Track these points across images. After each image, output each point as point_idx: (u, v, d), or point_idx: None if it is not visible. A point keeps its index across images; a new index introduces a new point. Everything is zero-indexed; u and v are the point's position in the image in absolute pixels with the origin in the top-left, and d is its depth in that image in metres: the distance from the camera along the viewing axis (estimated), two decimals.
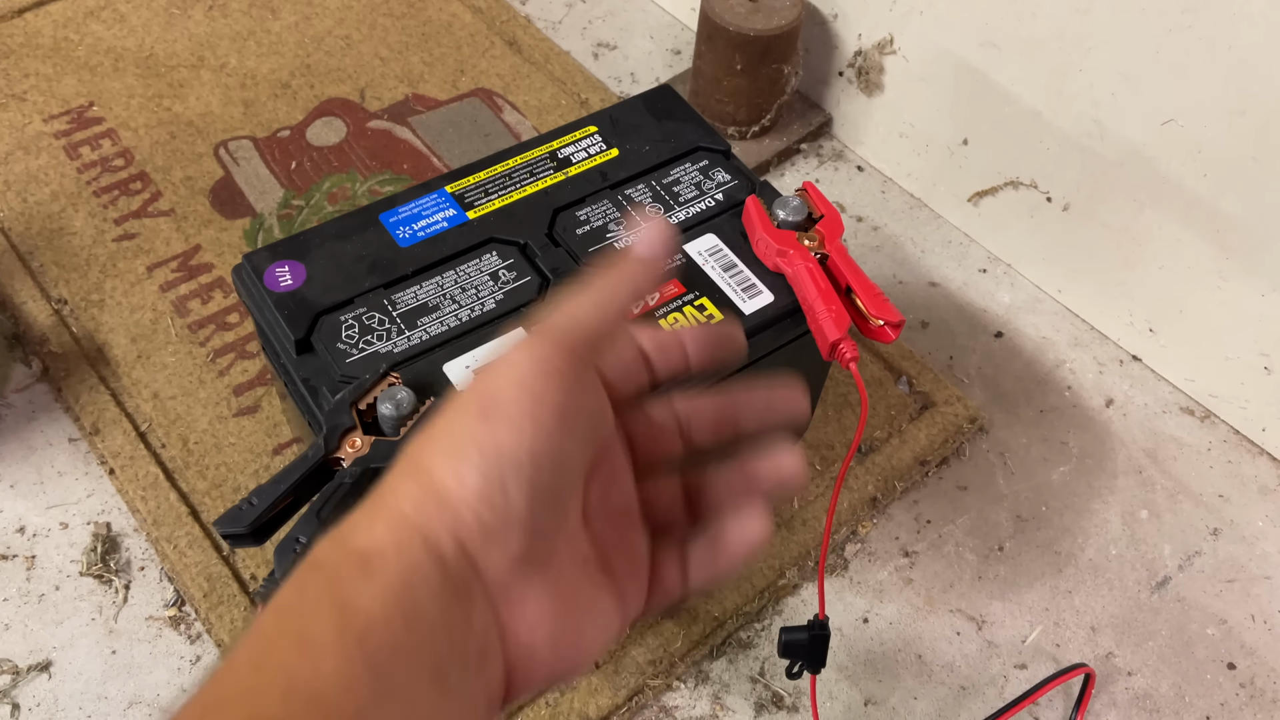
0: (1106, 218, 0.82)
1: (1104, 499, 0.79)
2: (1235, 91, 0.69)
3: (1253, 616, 0.74)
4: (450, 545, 0.26)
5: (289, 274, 0.57)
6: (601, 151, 0.64)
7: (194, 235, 0.86)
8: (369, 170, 0.92)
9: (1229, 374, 0.81)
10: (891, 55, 0.91)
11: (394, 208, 0.60)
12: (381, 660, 0.24)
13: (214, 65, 0.99)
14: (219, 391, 0.77)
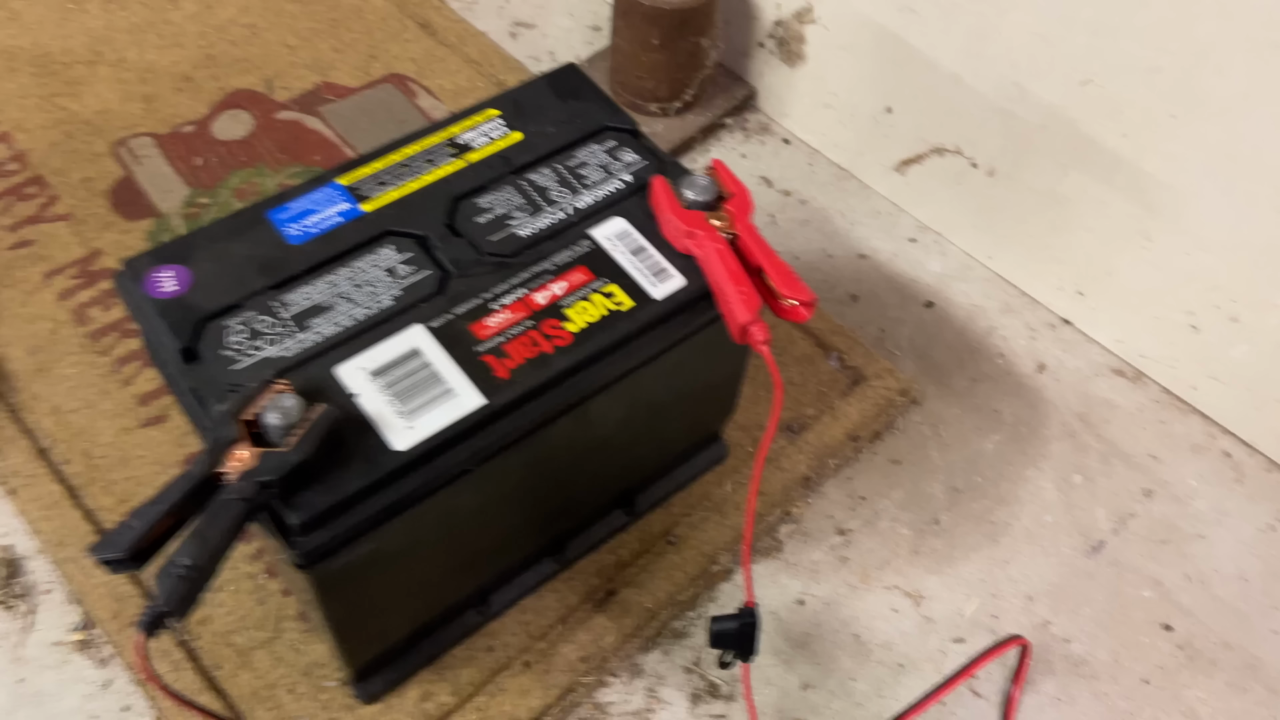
0: (1032, 182, 0.81)
1: (1038, 466, 0.78)
2: (1151, 48, 0.67)
3: (1187, 576, 0.73)
4: None
5: (173, 279, 0.54)
6: (504, 135, 0.62)
7: (94, 239, 0.83)
8: (279, 164, 0.89)
9: (1158, 334, 0.80)
10: (811, 24, 0.89)
11: (283, 204, 0.57)
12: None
13: (112, 60, 0.95)
14: (124, 402, 0.74)
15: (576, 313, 0.54)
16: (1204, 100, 0.67)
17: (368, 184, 0.59)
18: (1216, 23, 0.63)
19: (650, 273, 0.56)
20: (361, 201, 0.58)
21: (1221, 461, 0.79)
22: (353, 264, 0.55)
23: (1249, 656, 0.70)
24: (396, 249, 0.56)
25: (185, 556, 0.44)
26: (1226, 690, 0.69)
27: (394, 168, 0.60)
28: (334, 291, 0.54)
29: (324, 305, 0.53)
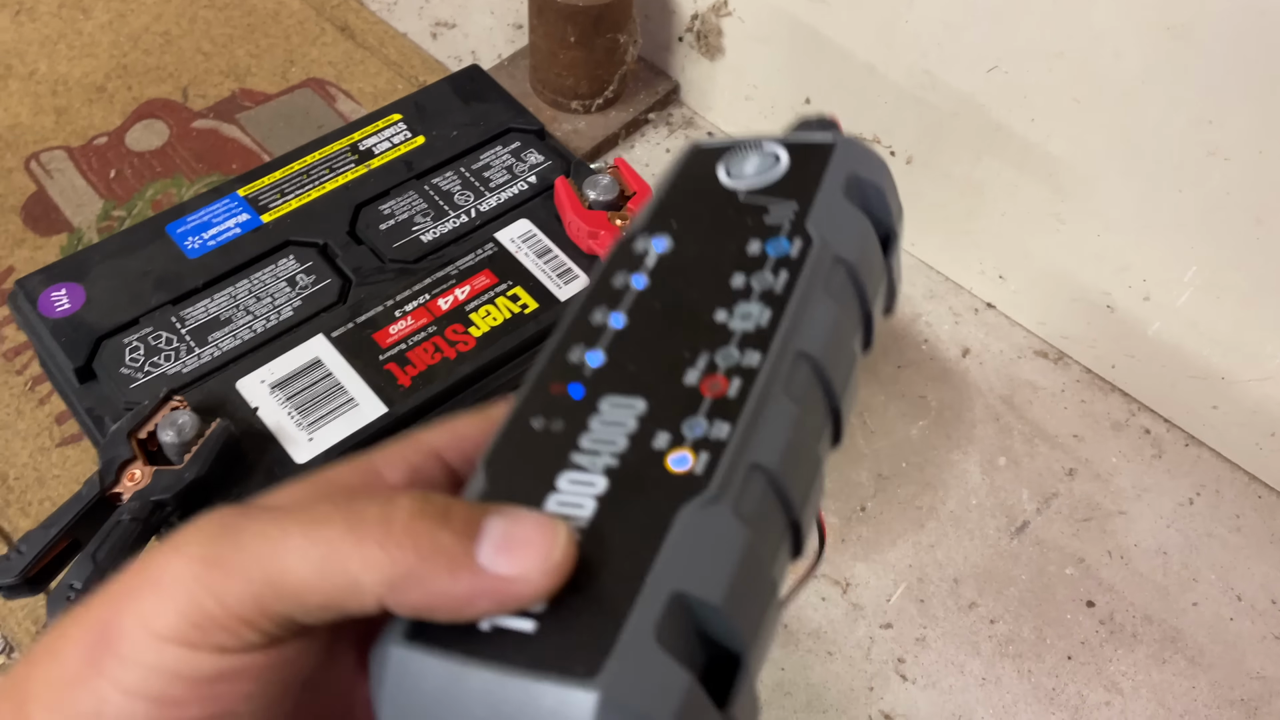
0: (948, 168, 0.81)
1: (963, 450, 0.79)
2: (1052, 34, 0.68)
3: (1109, 553, 0.75)
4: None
5: (65, 297, 0.53)
6: (406, 140, 0.61)
7: (6, 257, 0.81)
8: (195, 173, 0.88)
9: (1076, 315, 0.81)
10: (728, 17, 0.89)
11: (181, 217, 0.57)
12: None
13: (22, 73, 0.93)
14: (40, 421, 0.73)
15: (480, 317, 0.54)
16: (1103, 84, 0.68)
17: (268, 194, 0.58)
18: (1110, 8, 0.64)
19: (555, 274, 0.56)
20: (262, 212, 0.57)
21: (1141, 438, 0.80)
22: (252, 275, 0.55)
23: (1169, 629, 0.71)
24: (297, 259, 0.55)
25: (75, 579, 0.43)
26: (1148, 662, 0.70)
27: (295, 176, 0.59)
28: (233, 304, 0.53)
29: (223, 319, 0.53)
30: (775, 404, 0.21)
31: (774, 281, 0.23)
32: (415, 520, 0.19)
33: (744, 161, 0.26)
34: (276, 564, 0.18)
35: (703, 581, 0.18)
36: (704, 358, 0.22)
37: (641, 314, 0.24)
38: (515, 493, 0.21)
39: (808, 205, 0.25)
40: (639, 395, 0.22)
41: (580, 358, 0.23)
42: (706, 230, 0.25)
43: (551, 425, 0.22)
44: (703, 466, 0.20)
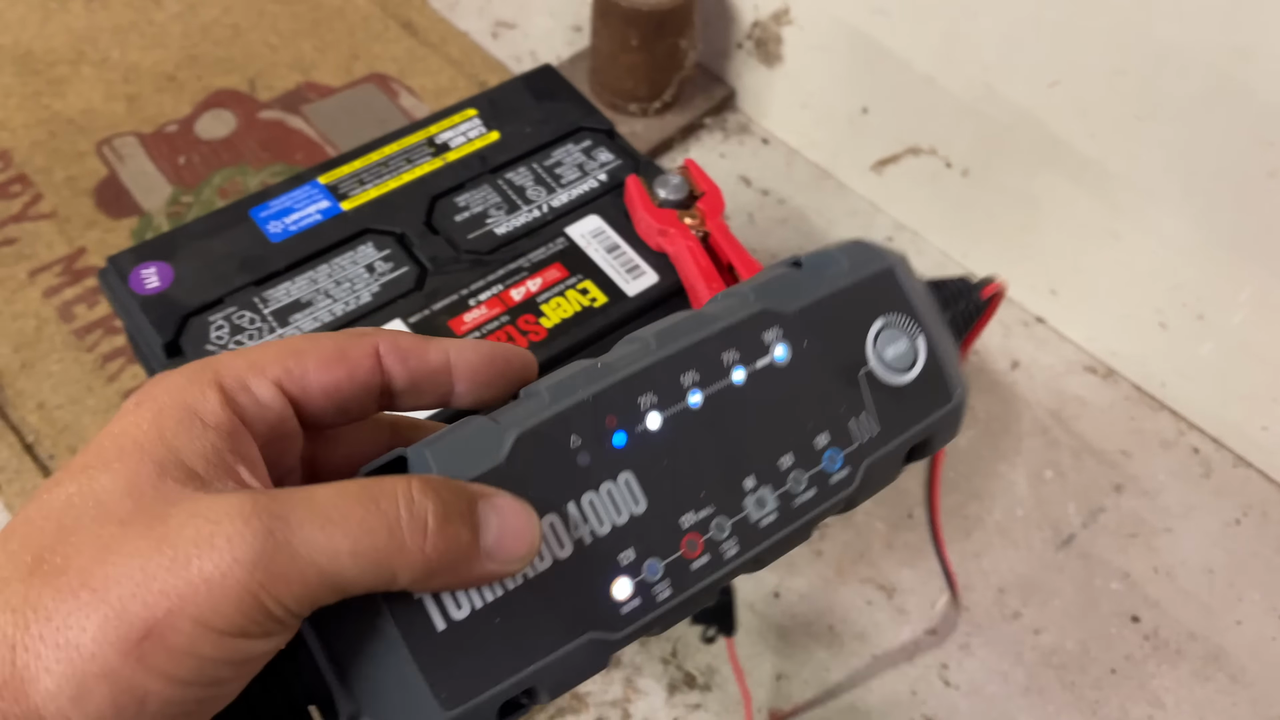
0: (1003, 181, 0.82)
1: (1010, 461, 0.80)
2: (1115, 51, 0.69)
3: (1155, 569, 0.75)
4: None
5: (155, 275, 0.55)
6: (481, 135, 0.63)
7: (78, 238, 0.83)
8: (261, 163, 0.90)
9: (1128, 331, 0.82)
10: (788, 25, 0.90)
11: (265, 202, 0.58)
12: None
13: (95, 60, 0.96)
14: (109, 398, 0.75)
15: (551, 308, 0.55)
16: (1166, 102, 0.68)
17: (348, 182, 0.60)
18: (1176, 27, 0.65)
19: (624, 269, 0.57)
20: (341, 200, 0.59)
21: (1190, 457, 0.81)
22: (333, 261, 0.56)
23: (1213, 646, 0.72)
24: (375, 246, 0.57)
25: None
26: (1191, 679, 0.70)
27: (373, 166, 0.61)
28: (314, 287, 0.55)
29: (304, 301, 0.54)
30: (707, 593, 0.26)
31: (802, 492, 0.26)
32: (444, 524, 0.21)
33: (892, 341, 0.28)
34: (333, 569, 0.20)
35: (555, 685, 0.24)
36: (706, 511, 0.25)
37: (712, 412, 0.26)
38: (514, 490, 0.24)
39: (883, 443, 0.27)
40: (647, 497, 0.25)
41: (646, 408, 0.25)
42: (816, 380, 0.27)
43: (580, 456, 0.24)
44: (630, 610, 0.24)
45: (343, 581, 0.21)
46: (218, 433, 0.22)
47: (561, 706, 0.67)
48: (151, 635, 0.19)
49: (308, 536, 0.20)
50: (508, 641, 0.23)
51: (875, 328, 0.28)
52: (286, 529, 0.20)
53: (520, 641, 0.23)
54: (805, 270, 0.28)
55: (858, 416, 0.27)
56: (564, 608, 0.23)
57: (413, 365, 0.25)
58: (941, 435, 0.29)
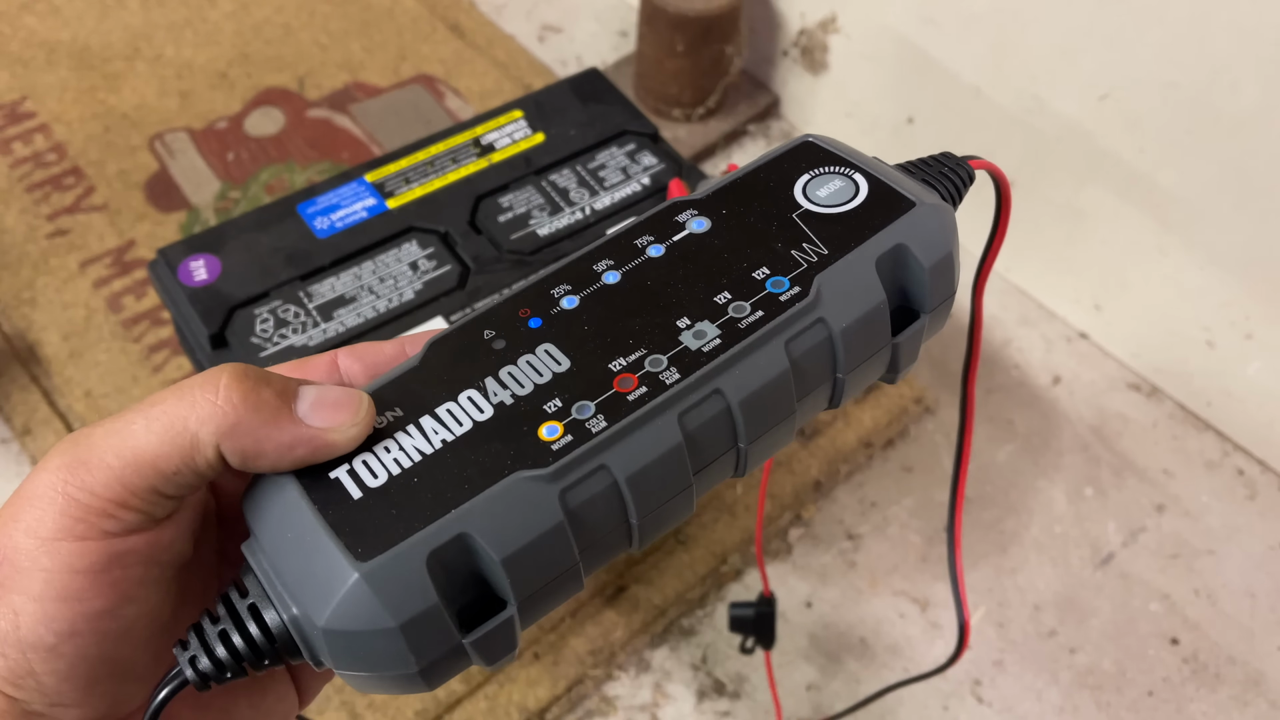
0: (1050, 194, 0.81)
1: (1049, 477, 0.79)
2: (1168, 64, 0.68)
3: (1196, 591, 0.74)
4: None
5: (204, 268, 0.56)
6: (526, 137, 0.63)
7: (128, 230, 0.85)
8: (308, 160, 0.91)
9: (1173, 349, 0.80)
10: (835, 33, 0.90)
11: (312, 198, 0.59)
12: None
13: (149, 56, 0.97)
14: (154, 388, 0.76)
15: None
16: (1219, 116, 0.67)
17: (394, 181, 0.60)
18: (1231, 41, 0.64)
19: None
20: (387, 198, 0.60)
21: (1234, 479, 0.79)
22: (377, 258, 0.57)
23: (1253, 671, 0.70)
24: (420, 244, 0.57)
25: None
26: (1230, 704, 0.69)
27: (419, 166, 0.61)
28: (358, 283, 0.56)
29: (349, 296, 0.55)
30: (658, 424, 0.23)
31: (746, 315, 0.24)
32: (238, 380, 0.22)
33: (824, 184, 0.27)
34: (128, 445, 0.21)
35: (494, 536, 0.22)
36: (638, 353, 0.24)
37: (631, 282, 0.25)
38: (428, 384, 0.24)
39: (835, 258, 0.25)
40: (569, 357, 0.24)
41: (560, 295, 0.25)
42: (742, 233, 0.26)
43: (495, 342, 0.24)
44: (561, 445, 0.23)
45: (143, 454, 0.21)
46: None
47: (590, 710, 0.67)
48: (4, 559, 0.21)
49: (108, 426, 0.22)
50: (427, 496, 0.22)
51: (802, 180, 0.27)
52: (91, 429, 0.22)
53: (441, 494, 0.22)
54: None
55: (799, 246, 0.26)
56: (486, 458, 0.23)
57: (368, 360, 0.26)
58: (922, 243, 0.26)
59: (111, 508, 0.21)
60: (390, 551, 0.21)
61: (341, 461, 0.23)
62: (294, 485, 0.23)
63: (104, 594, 0.22)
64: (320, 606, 0.21)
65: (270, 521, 0.23)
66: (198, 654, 0.23)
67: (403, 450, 0.23)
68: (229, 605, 0.23)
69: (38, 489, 0.22)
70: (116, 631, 0.22)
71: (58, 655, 0.22)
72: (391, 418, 0.24)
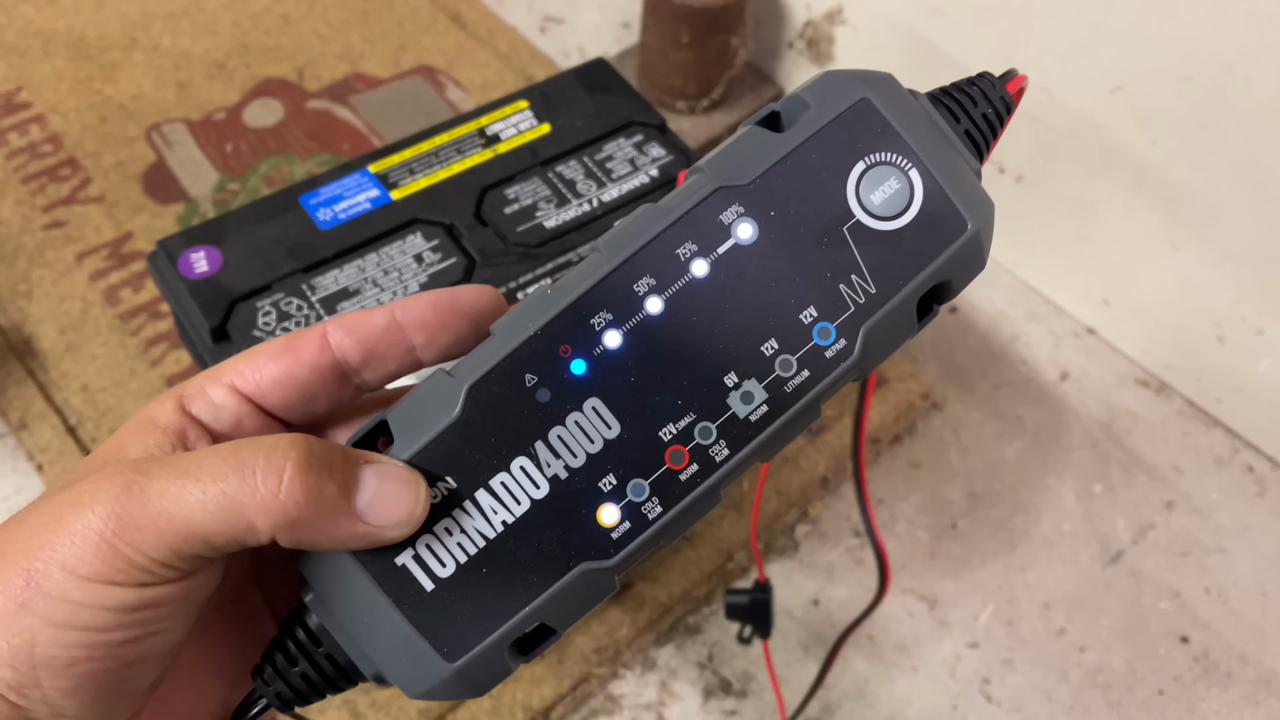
0: (1059, 188, 0.81)
1: (1058, 474, 0.78)
2: (1181, 57, 0.67)
3: (1206, 589, 0.73)
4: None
5: (205, 260, 0.55)
6: (532, 127, 0.62)
7: (125, 222, 0.84)
8: (308, 152, 0.90)
9: (1183, 345, 0.80)
10: (841, 25, 0.89)
11: (314, 189, 0.58)
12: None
13: (147, 46, 0.96)
14: (152, 383, 0.75)
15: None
16: (1233, 110, 0.66)
17: (397, 171, 0.59)
18: (1246, 34, 0.63)
19: None
20: (391, 189, 0.58)
21: (1244, 475, 0.79)
22: (381, 250, 0.56)
23: (1265, 670, 0.70)
24: (424, 236, 0.56)
25: None
26: (1241, 703, 0.68)
27: (424, 156, 0.60)
28: (362, 276, 0.55)
29: (352, 289, 0.54)
30: (705, 500, 0.24)
31: (793, 375, 0.24)
32: (301, 473, 0.21)
33: (878, 184, 0.24)
34: (182, 515, 0.21)
35: (563, 618, 0.24)
36: (688, 419, 0.24)
37: (677, 316, 0.24)
38: (474, 445, 0.23)
39: (881, 302, 0.24)
40: (619, 419, 0.24)
41: (601, 328, 0.24)
42: (791, 251, 0.24)
43: (538, 393, 0.23)
44: (620, 534, 0.23)
45: (196, 528, 0.21)
46: (164, 432, 0.24)
47: (595, 709, 0.66)
48: (31, 584, 0.21)
49: (162, 486, 0.21)
50: (499, 588, 0.23)
51: (856, 172, 0.24)
52: (145, 481, 0.21)
53: (512, 586, 0.23)
54: (768, 126, 0.25)
55: (848, 279, 0.24)
56: (551, 545, 0.23)
57: (360, 333, 0.24)
58: (961, 272, 0.24)
59: (155, 566, 0.21)
60: (476, 651, 0.23)
61: (405, 545, 0.23)
62: (358, 568, 0.23)
63: (128, 629, 0.22)
64: (411, 684, 0.23)
65: (338, 596, 0.23)
66: (281, 685, 0.24)
67: (465, 534, 0.23)
68: (301, 647, 0.24)
69: (81, 527, 0.21)
70: (132, 658, 0.22)
71: (68, 675, 0.22)
72: (445, 491, 0.23)
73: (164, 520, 0.21)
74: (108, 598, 0.21)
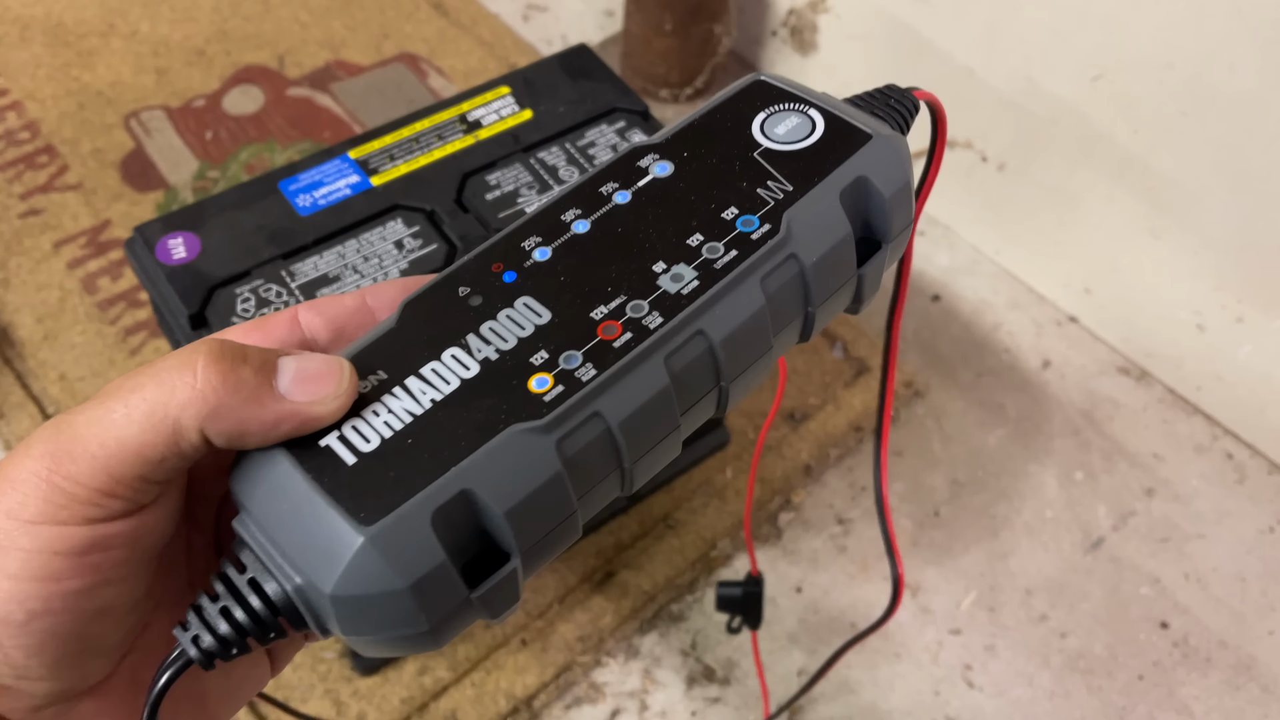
0: (1041, 177, 0.81)
1: (1040, 461, 0.78)
2: (1163, 44, 0.67)
3: (1186, 575, 0.73)
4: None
5: (182, 246, 0.54)
6: (514, 113, 0.62)
7: (104, 210, 0.83)
8: (288, 140, 0.89)
9: (1164, 333, 0.80)
10: (825, 13, 0.89)
11: (294, 175, 0.58)
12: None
13: (125, 32, 0.95)
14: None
15: None
16: (1214, 98, 0.67)
17: (378, 158, 0.59)
18: (1227, 21, 0.63)
19: None
20: (371, 175, 0.58)
21: (1224, 462, 0.79)
22: (361, 236, 0.55)
23: (1244, 656, 0.70)
24: (405, 222, 0.56)
25: None
26: (1221, 688, 0.69)
27: (404, 142, 0.60)
28: (342, 262, 0.54)
29: (332, 276, 0.54)
30: (645, 369, 0.23)
31: (721, 256, 0.25)
32: (214, 361, 0.21)
33: (781, 121, 0.27)
34: (111, 434, 0.21)
35: (495, 490, 0.22)
36: (618, 300, 0.24)
37: (602, 230, 0.26)
38: (408, 344, 0.24)
39: (800, 193, 0.26)
40: (549, 308, 0.24)
41: (531, 248, 0.25)
42: (706, 175, 0.27)
43: (471, 299, 0.25)
44: (553, 396, 0.23)
45: (128, 442, 0.21)
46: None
47: (579, 696, 0.66)
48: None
49: (89, 415, 0.21)
50: (424, 456, 0.22)
51: (759, 118, 0.27)
52: (71, 416, 0.22)
53: (438, 453, 0.22)
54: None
55: (765, 185, 0.26)
56: (479, 414, 0.23)
57: (329, 314, 0.25)
58: (880, 174, 0.27)
59: (97, 496, 0.21)
60: (394, 513, 0.21)
61: (331, 429, 0.23)
62: (285, 457, 0.22)
63: (82, 575, 0.21)
64: (326, 574, 0.21)
65: (263, 495, 0.22)
66: (200, 633, 0.22)
67: (392, 413, 0.23)
68: (227, 582, 0.23)
69: (19, 473, 0.21)
70: (91, 611, 0.22)
71: (28, 632, 0.21)
72: (376, 381, 0.23)
73: (95, 445, 0.21)
74: (56, 540, 0.21)
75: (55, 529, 0.21)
